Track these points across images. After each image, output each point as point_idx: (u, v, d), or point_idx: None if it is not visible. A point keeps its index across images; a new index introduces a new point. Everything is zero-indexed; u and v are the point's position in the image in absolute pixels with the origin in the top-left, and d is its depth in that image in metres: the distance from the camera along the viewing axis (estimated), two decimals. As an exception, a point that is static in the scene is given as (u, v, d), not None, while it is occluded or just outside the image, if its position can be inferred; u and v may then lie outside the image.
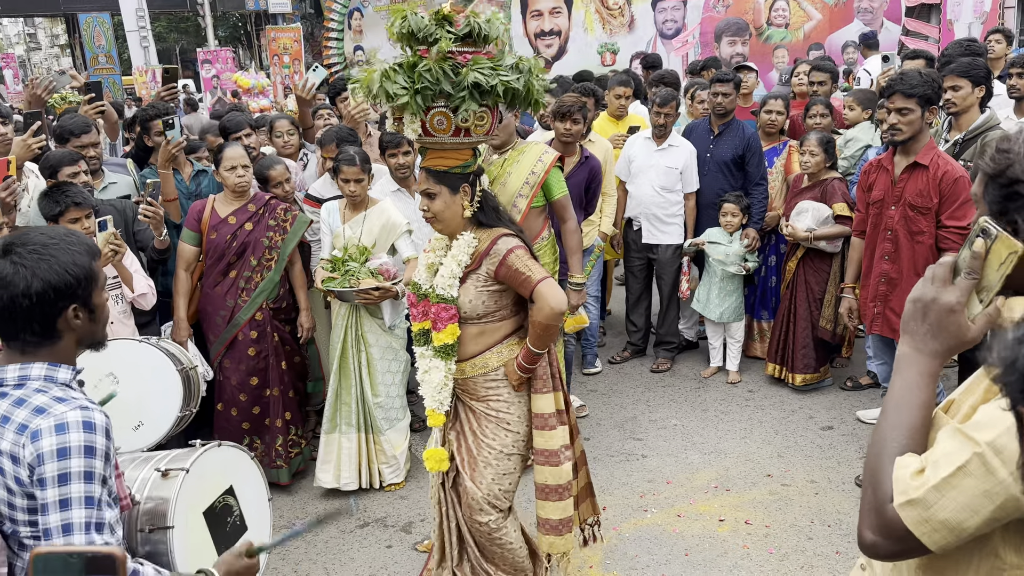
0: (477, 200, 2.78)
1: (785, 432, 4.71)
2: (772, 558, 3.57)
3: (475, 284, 2.78)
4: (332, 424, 4.18)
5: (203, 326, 4.21)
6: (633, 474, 4.32)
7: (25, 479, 1.65)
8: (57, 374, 1.73)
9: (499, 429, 2.88)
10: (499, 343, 2.86)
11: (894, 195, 3.92)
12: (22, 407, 1.67)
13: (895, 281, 3.99)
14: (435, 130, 2.65)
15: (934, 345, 1.35)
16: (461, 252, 2.77)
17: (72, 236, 1.78)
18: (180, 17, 29.18)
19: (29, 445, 1.63)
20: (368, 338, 4.13)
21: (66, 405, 1.67)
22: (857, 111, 5.44)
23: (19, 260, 1.67)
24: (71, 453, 1.62)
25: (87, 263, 1.74)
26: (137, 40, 19.70)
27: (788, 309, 5.17)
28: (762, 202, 5.30)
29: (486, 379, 2.88)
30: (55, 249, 1.70)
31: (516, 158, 3.99)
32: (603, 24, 14.75)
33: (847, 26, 12.24)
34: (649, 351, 5.92)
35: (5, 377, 1.71)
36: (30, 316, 1.68)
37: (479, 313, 2.81)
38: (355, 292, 3.89)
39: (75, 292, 1.72)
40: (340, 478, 4.17)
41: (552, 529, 2.90)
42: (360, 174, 4.03)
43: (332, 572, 3.63)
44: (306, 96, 5.07)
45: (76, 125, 4.16)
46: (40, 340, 1.72)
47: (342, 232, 4.13)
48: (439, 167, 2.74)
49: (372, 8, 19.56)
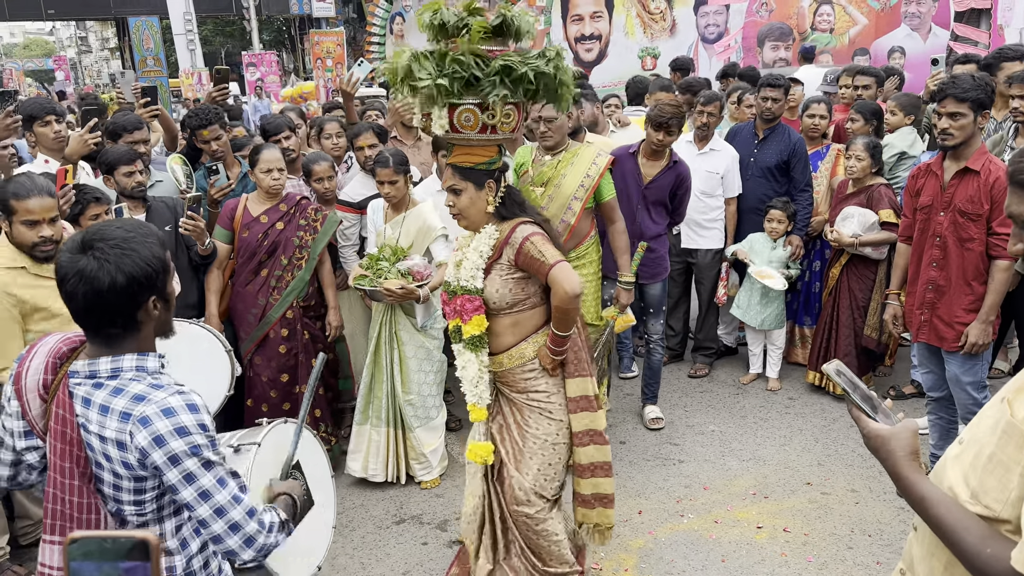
0: (500, 195, 2.83)
1: (826, 440, 4.64)
2: (811, 567, 3.51)
3: (499, 274, 2.82)
4: (364, 416, 4.26)
5: (234, 323, 4.29)
6: (670, 479, 4.28)
7: (134, 463, 1.73)
8: (147, 363, 1.79)
9: (542, 418, 2.92)
10: (534, 332, 2.91)
11: (943, 201, 3.84)
12: (120, 396, 1.73)
13: (943, 288, 3.91)
14: (462, 127, 2.69)
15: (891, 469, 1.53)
16: (482, 243, 2.82)
17: (146, 228, 1.82)
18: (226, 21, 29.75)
19: (141, 431, 1.69)
20: (402, 336, 4.18)
21: (164, 391, 1.74)
22: (899, 116, 5.33)
23: (101, 256, 1.70)
24: (188, 431, 1.71)
25: (162, 254, 1.80)
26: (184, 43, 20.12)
27: (831, 316, 5.10)
28: (807, 208, 5.24)
29: (524, 369, 2.91)
30: (135, 243, 1.74)
31: (570, 160, 4.01)
32: (644, 28, 14.69)
33: (894, 31, 12.05)
34: (687, 356, 5.88)
35: (98, 369, 1.76)
36: (115, 310, 1.72)
37: (508, 302, 2.85)
38: (382, 291, 3.95)
39: (155, 284, 1.76)
40: (368, 468, 4.26)
41: (584, 502, 3.03)
42: (393, 176, 4.06)
43: (368, 567, 3.66)
44: (350, 90, 5.14)
45: (128, 122, 4.27)
46: (123, 332, 1.77)
47: (384, 231, 4.19)
48: (465, 163, 2.79)
49: (414, 12, 19.75)
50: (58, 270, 1.74)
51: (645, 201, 4.68)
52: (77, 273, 1.69)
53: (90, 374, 1.77)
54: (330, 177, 4.54)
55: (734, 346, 5.96)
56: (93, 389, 1.76)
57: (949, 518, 1.38)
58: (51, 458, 1.80)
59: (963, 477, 1.41)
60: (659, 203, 4.68)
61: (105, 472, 1.78)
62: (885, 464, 1.51)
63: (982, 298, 3.78)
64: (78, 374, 1.78)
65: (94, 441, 1.75)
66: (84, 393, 1.77)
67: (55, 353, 1.84)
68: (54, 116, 4.06)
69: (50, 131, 4.06)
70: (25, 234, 2.93)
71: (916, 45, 11.73)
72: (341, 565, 3.68)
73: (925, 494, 1.43)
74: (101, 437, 1.74)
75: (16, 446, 1.89)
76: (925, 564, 1.52)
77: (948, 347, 3.93)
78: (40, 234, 2.94)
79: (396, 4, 19.91)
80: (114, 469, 1.76)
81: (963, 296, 3.86)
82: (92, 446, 1.76)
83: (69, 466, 1.77)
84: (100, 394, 1.75)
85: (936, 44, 11.32)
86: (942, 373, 4.04)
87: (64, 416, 1.77)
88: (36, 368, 1.84)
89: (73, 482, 1.78)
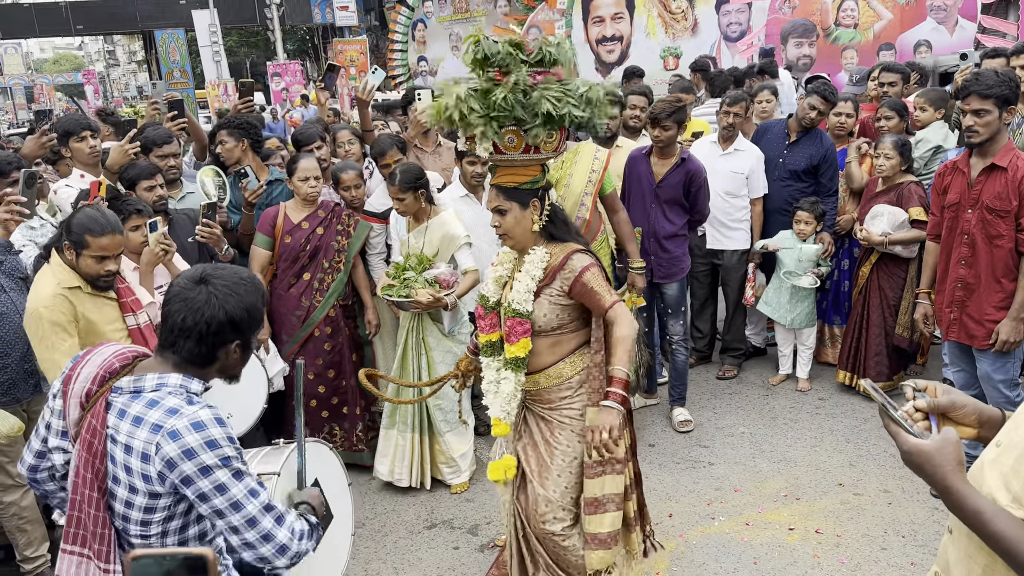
0: (546, 214, 2.83)
1: (857, 441, 4.61)
2: (844, 568, 3.50)
3: (548, 298, 2.82)
4: (391, 420, 4.33)
5: (275, 326, 4.40)
6: (700, 481, 4.28)
7: (153, 476, 1.79)
8: (191, 385, 1.88)
9: (573, 436, 2.90)
10: (572, 353, 2.90)
11: (971, 198, 3.81)
12: (155, 408, 1.81)
13: (972, 286, 3.87)
14: (506, 148, 2.70)
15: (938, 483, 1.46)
16: (534, 267, 2.81)
17: (256, 280, 1.96)
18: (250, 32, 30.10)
19: (169, 443, 1.76)
20: (429, 342, 4.25)
21: (195, 406, 1.82)
22: (929, 112, 5.27)
23: (213, 291, 1.85)
24: (218, 444, 1.80)
25: (262, 307, 1.93)
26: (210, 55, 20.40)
27: (861, 315, 5.06)
28: (833, 213, 5.23)
29: (560, 388, 2.91)
30: (244, 289, 1.88)
31: (573, 159, 4.18)
32: (666, 28, 14.65)
33: (919, 25, 11.91)
34: (715, 358, 5.87)
35: (144, 385, 1.85)
36: (203, 340, 1.85)
37: (553, 326, 2.85)
38: (409, 302, 4.01)
39: (246, 330, 1.89)
40: (394, 472, 4.33)
41: (600, 543, 2.87)
42: (400, 193, 4.12)
43: (401, 572, 3.70)
44: (365, 98, 5.21)
45: (159, 136, 4.36)
46: (197, 360, 1.88)
47: (407, 241, 4.27)
48: (509, 184, 2.79)
49: (436, 19, 19.84)
50: (169, 290, 1.88)
51: (658, 200, 4.71)
52: (185, 300, 1.84)
53: (134, 389, 1.85)
54: (357, 185, 4.62)
55: (763, 347, 5.93)
56: (131, 400, 1.83)
57: (1010, 533, 1.34)
58: (76, 466, 1.85)
59: (1003, 482, 1.39)
60: (673, 202, 4.71)
61: (120, 487, 1.83)
62: (932, 480, 1.44)
63: (1012, 295, 3.74)
64: (122, 389, 1.86)
65: (118, 453, 1.82)
66: (121, 404, 1.83)
67: (107, 367, 1.91)
68: (89, 132, 4.16)
69: (85, 146, 4.15)
70: (92, 267, 3.01)
71: (943, 39, 11.59)
72: (374, 570, 3.73)
73: (980, 507, 1.38)
74: (127, 447, 1.80)
75: (48, 440, 1.96)
76: (962, 567, 1.50)
77: (979, 345, 3.89)
78: (106, 268, 3.02)
79: (418, 11, 20.03)
80: (131, 483, 1.81)
81: (993, 293, 3.82)
82: (115, 458, 1.82)
83: (90, 477, 1.83)
84: (136, 405, 1.82)
85: (963, 37, 11.17)
86: (973, 371, 4.00)
87: (95, 427, 1.83)
88: (85, 377, 1.90)
89: (92, 494, 1.84)
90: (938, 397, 1.54)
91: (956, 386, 4.39)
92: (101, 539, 1.85)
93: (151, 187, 3.95)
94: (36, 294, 3.04)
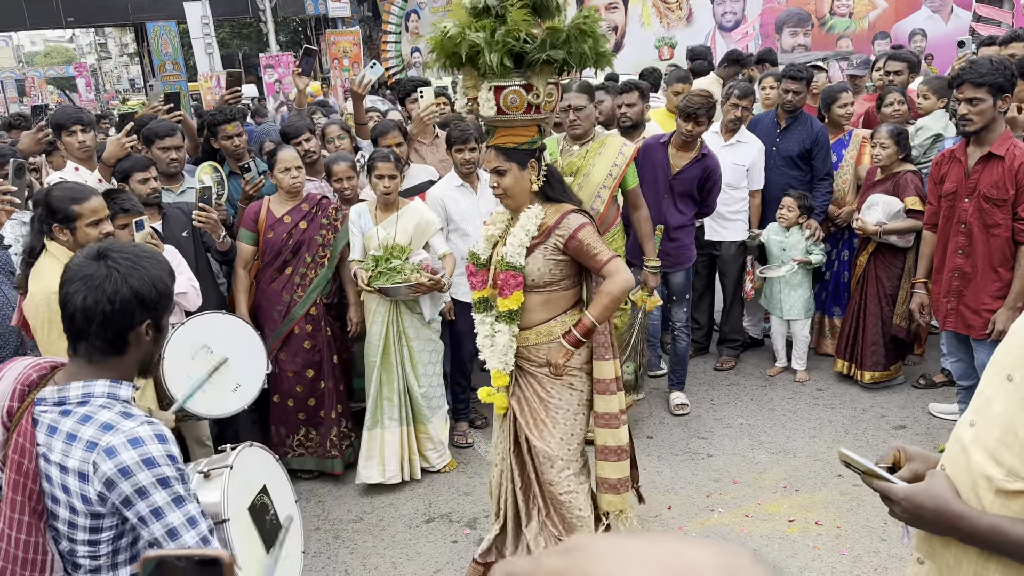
0: (543, 174, 2.91)
1: (856, 431, 4.60)
2: (844, 559, 3.49)
3: (543, 254, 2.92)
4: (374, 420, 4.29)
5: (259, 321, 4.35)
6: (699, 473, 4.28)
7: (93, 497, 1.66)
8: (119, 391, 1.74)
9: (564, 389, 3.03)
10: (563, 312, 3.02)
11: (968, 187, 3.80)
12: (88, 424, 1.67)
13: (969, 276, 3.87)
14: (508, 108, 2.78)
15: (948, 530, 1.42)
16: (529, 222, 2.91)
17: (160, 256, 1.82)
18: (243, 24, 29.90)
19: (106, 462, 1.63)
20: (409, 332, 4.26)
21: (133, 421, 1.68)
22: (932, 100, 5.24)
23: (113, 265, 1.70)
24: (158, 462, 1.66)
25: (169, 282, 1.78)
26: (202, 47, 20.23)
27: (858, 305, 5.05)
28: (826, 196, 5.20)
29: (551, 347, 3.01)
30: (147, 262, 1.74)
31: (597, 150, 4.17)
32: (660, 18, 14.61)
33: (914, 13, 11.90)
34: (712, 349, 5.86)
35: (68, 395, 1.70)
36: (108, 321, 1.69)
37: (545, 281, 2.95)
38: (407, 288, 4.00)
39: (154, 307, 1.74)
40: (385, 473, 4.29)
41: (611, 488, 3.10)
42: (394, 170, 4.15)
43: (399, 566, 3.69)
44: (360, 91, 5.18)
45: (161, 128, 4.33)
46: (108, 348, 1.72)
47: (375, 233, 4.21)
48: (508, 144, 2.87)
49: (429, 10, 19.74)
50: (65, 272, 1.72)
51: (672, 191, 4.69)
52: (84, 278, 1.68)
53: (59, 400, 1.71)
54: (349, 177, 4.58)
55: (760, 338, 5.93)
56: (60, 416, 1.69)
57: None
58: (4, 491, 1.71)
59: (992, 458, 1.37)
60: (686, 194, 4.70)
61: (61, 508, 1.70)
62: (937, 517, 1.39)
63: (1009, 284, 3.74)
64: (45, 401, 1.72)
65: (53, 472, 1.68)
66: (50, 421, 1.70)
67: (24, 380, 1.77)
68: (80, 126, 4.11)
69: (75, 140, 4.11)
70: (91, 234, 2.93)
71: (938, 27, 11.59)
72: (373, 564, 3.71)
73: (994, 523, 1.35)
74: (62, 467, 1.67)
75: None
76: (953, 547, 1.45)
77: (976, 335, 3.89)
78: (103, 231, 2.96)
79: (411, 1, 19.93)
80: (71, 504, 1.68)
81: (990, 283, 3.82)
82: (51, 478, 1.69)
83: (21, 500, 1.69)
84: (67, 421, 1.68)
85: (958, 25, 11.17)
86: (971, 361, 4.00)
87: (24, 446, 1.69)
88: (2, 394, 1.75)
89: (23, 517, 1.69)
90: (906, 461, 1.55)
91: (955, 376, 4.39)
92: (33, 566, 1.70)
93: (144, 179, 3.92)
94: (43, 281, 2.92)
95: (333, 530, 4.01)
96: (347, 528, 4.01)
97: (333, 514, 4.15)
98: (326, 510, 4.20)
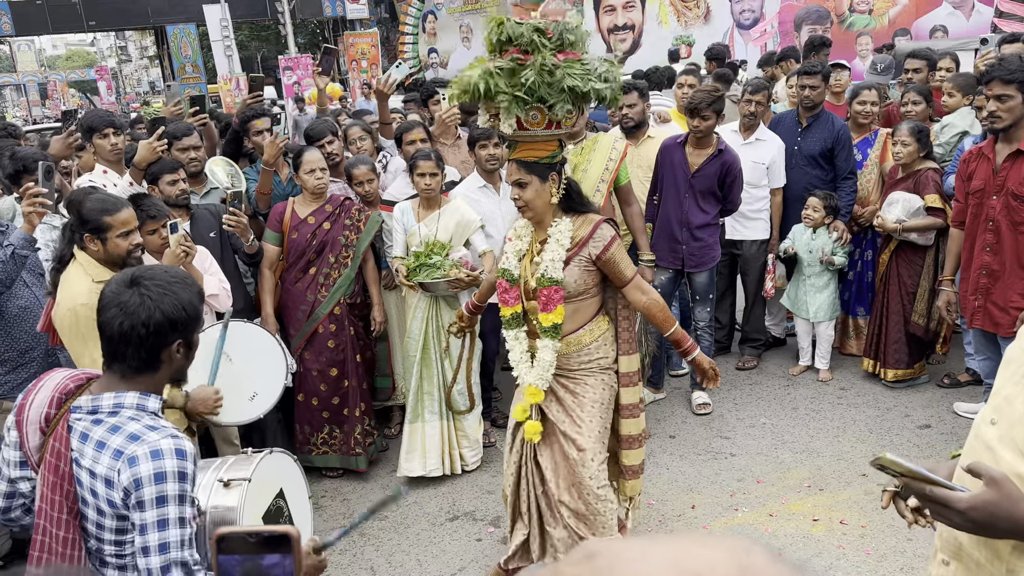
0: (563, 187, 2.96)
1: (880, 431, 4.58)
2: (869, 559, 3.48)
3: (578, 266, 2.98)
4: (415, 414, 4.34)
5: (284, 321, 4.41)
6: (722, 473, 4.27)
7: (118, 502, 1.76)
8: (148, 403, 1.84)
9: (599, 384, 3.11)
10: (590, 321, 3.09)
11: (996, 184, 3.77)
12: (117, 434, 1.78)
13: (997, 273, 3.84)
14: (529, 124, 2.82)
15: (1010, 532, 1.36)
16: (563, 235, 2.96)
17: (189, 278, 1.94)
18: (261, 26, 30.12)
19: (127, 470, 1.73)
20: None
21: (158, 433, 1.78)
22: (957, 97, 5.18)
23: (146, 292, 1.82)
24: (167, 478, 1.74)
25: (199, 304, 1.91)
26: (221, 49, 20.36)
27: (881, 303, 5.03)
28: (850, 195, 5.16)
29: (579, 355, 3.09)
30: (178, 287, 1.86)
31: (592, 147, 4.23)
32: (678, 16, 14.56)
33: (935, 10, 11.78)
34: (734, 349, 5.84)
35: (100, 405, 1.82)
36: (143, 343, 1.81)
37: (579, 292, 3.01)
38: (445, 283, 4.08)
39: (185, 328, 1.87)
40: (427, 465, 4.33)
41: (634, 474, 3.26)
42: (435, 168, 4.23)
43: (424, 564, 3.71)
44: (386, 91, 5.21)
45: (178, 129, 4.38)
46: (142, 367, 1.84)
47: (417, 230, 4.29)
48: (529, 158, 2.91)
49: (446, 11, 19.81)
50: (101, 298, 1.84)
51: (693, 190, 4.69)
52: (119, 304, 1.81)
53: (92, 409, 1.82)
54: (370, 180, 4.61)
55: (782, 337, 5.90)
56: (92, 425, 1.81)
57: None
58: (42, 490, 1.84)
59: (1023, 455, 1.37)
60: (708, 192, 4.69)
61: (90, 509, 1.81)
62: (1013, 523, 1.31)
63: (1039, 283, 3.71)
64: (80, 409, 1.84)
65: (84, 476, 1.80)
66: (83, 428, 1.81)
67: (61, 389, 1.90)
68: (112, 128, 4.17)
69: (107, 143, 4.17)
70: (121, 246, 2.99)
71: (959, 24, 11.46)
72: (398, 561, 3.74)
73: None
74: (92, 472, 1.78)
75: (11, 475, 1.93)
76: (985, 547, 1.43)
77: (1004, 333, 3.86)
78: (133, 242, 3.01)
79: (428, 3, 20.00)
80: (99, 506, 1.79)
81: (1018, 280, 3.79)
82: (81, 481, 1.80)
83: (59, 499, 1.81)
84: (98, 430, 1.80)
85: (980, 22, 11.04)
86: (999, 360, 3.96)
87: (60, 450, 1.82)
88: (40, 402, 1.89)
89: (61, 515, 1.82)
90: None
91: (982, 375, 4.37)
92: (70, 559, 1.83)
93: (174, 181, 3.97)
94: (70, 291, 2.99)
95: (358, 528, 4.04)
96: (372, 526, 4.04)
97: (358, 512, 4.19)
98: (351, 508, 4.24)
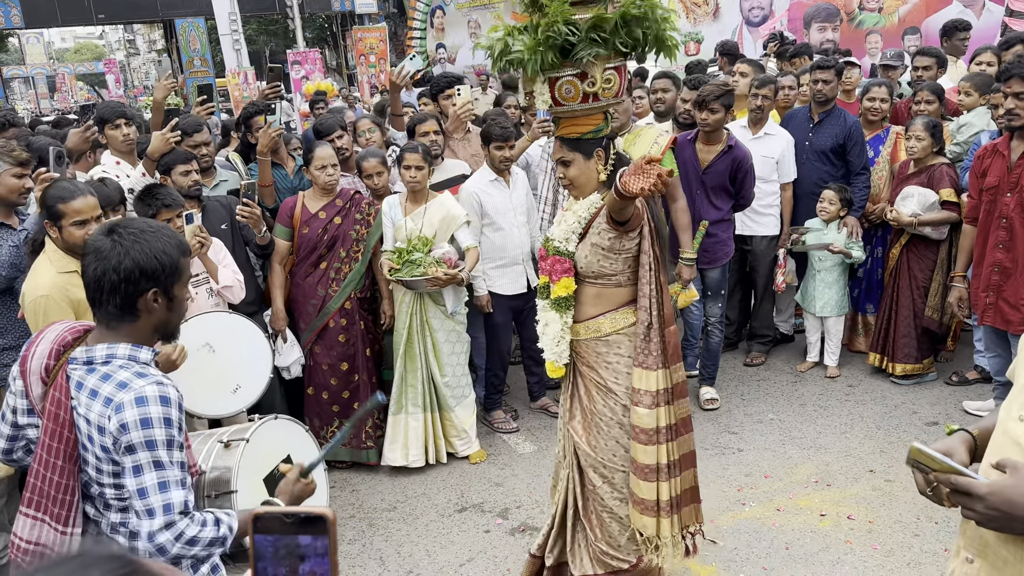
0: (611, 163, 2.80)
1: (887, 427, 4.58)
2: (876, 554, 3.49)
3: (597, 242, 2.77)
4: (398, 406, 4.39)
5: (294, 315, 4.43)
6: (729, 467, 4.28)
7: (110, 447, 1.83)
8: (139, 354, 1.91)
9: (608, 397, 2.87)
10: (614, 310, 2.86)
11: (1010, 181, 3.77)
12: (108, 382, 1.85)
13: (1009, 270, 3.84)
14: (564, 99, 2.69)
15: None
16: (583, 209, 2.81)
17: (168, 230, 1.98)
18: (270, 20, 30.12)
19: (114, 417, 1.80)
20: (433, 324, 4.35)
21: (145, 380, 1.84)
22: (974, 96, 5.16)
23: (118, 239, 1.88)
24: (152, 423, 1.80)
25: (175, 255, 1.93)
26: (230, 43, 20.36)
27: (891, 297, 5.03)
28: (863, 191, 5.16)
29: (597, 344, 2.88)
30: (150, 236, 1.90)
31: (633, 140, 4.16)
32: (687, 13, 14.52)
33: (945, 8, 11.73)
34: (742, 344, 5.84)
35: (95, 355, 1.89)
36: (115, 290, 1.86)
37: (593, 271, 2.82)
38: (424, 280, 4.08)
39: (159, 277, 1.89)
40: (408, 456, 4.38)
41: (636, 504, 2.82)
42: (421, 162, 4.24)
43: (433, 554, 3.73)
44: (400, 83, 5.22)
45: (189, 124, 4.39)
46: (120, 314, 1.89)
47: (404, 224, 4.31)
48: (572, 134, 2.78)
49: (454, 6, 19.78)
50: (85, 246, 1.92)
51: (704, 187, 4.69)
52: (95, 251, 1.88)
53: (87, 360, 1.89)
54: (379, 173, 4.62)
55: (790, 333, 5.90)
56: (87, 374, 1.88)
57: None
58: (41, 437, 1.92)
59: None
60: (719, 188, 4.69)
61: (89, 455, 1.89)
62: None
63: (1051, 280, 3.71)
64: (76, 360, 1.91)
65: (81, 424, 1.88)
66: (79, 377, 1.89)
67: (60, 341, 1.98)
68: (124, 119, 4.19)
69: (119, 134, 4.19)
70: (75, 234, 2.97)
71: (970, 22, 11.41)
72: (407, 552, 3.76)
73: None
74: (87, 420, 1.86)
75: (19, 421, 2.03)
76: (1012, 544, 1.40)
77: (1014, 330, 3.86)
78: (88, 232, 2.95)
79: (436, -2, 19.97)
80: (96, 452, 1.87)
81: (1030, 278, 3.78)
82: (80, 428, 1.89)
83: (57, 446, 1.89)
84: (92, 379, 1.87)
85: (991, 21, 10.99)
86: (1009, 356, 3.96)
87: (60, 399, 1.90)
88: (41, 353, 1.97)
89: (57, 461, 1.89)
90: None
91: (992, 372, 4.37)
92: (62, 504, 1.91)
93: (187, 172, 3.99)
94: (35, 281, 3.00)
95: (368, 518, 4.06)
96: (381, 516, 4.06)
97: (367, 503, 4.21)
98: (360, 499, 4.26)
